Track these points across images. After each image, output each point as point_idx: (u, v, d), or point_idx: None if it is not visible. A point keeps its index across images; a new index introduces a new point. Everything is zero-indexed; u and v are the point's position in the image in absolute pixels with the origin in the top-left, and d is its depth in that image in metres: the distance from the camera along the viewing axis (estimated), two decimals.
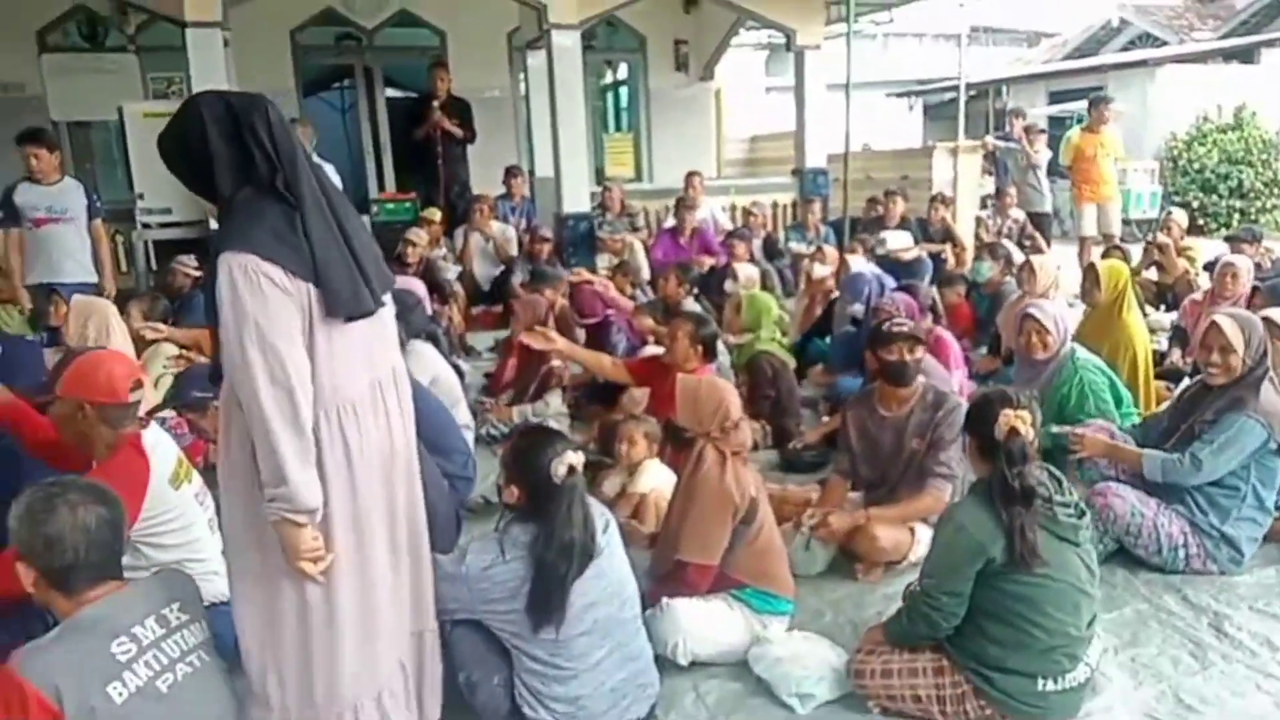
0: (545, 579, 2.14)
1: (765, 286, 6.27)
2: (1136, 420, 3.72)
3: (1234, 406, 2.98)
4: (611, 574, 2.26)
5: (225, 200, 1.82)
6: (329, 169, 6.37)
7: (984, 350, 5.31)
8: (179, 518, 2.51)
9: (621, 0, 8.25)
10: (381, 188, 10.19)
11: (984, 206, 8.70)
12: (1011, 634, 2.23)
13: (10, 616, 2.12)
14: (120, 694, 1.64)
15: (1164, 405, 3.84)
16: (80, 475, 2.10)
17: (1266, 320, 3.42)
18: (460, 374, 4.73)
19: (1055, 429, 3.34)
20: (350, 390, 1.87)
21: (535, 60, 8.48)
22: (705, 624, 2.57)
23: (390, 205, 8.50)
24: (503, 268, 7.38)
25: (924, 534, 3.00)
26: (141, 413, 2.49)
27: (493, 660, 2.22)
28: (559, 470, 2.18)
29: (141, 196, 6.63)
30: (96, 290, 5.17)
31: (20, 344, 4.37)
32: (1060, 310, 3.91)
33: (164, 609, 1.78)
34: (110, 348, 3.14)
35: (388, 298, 2.01)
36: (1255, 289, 4.50)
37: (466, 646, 2.23)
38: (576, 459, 2.23)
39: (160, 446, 2.52)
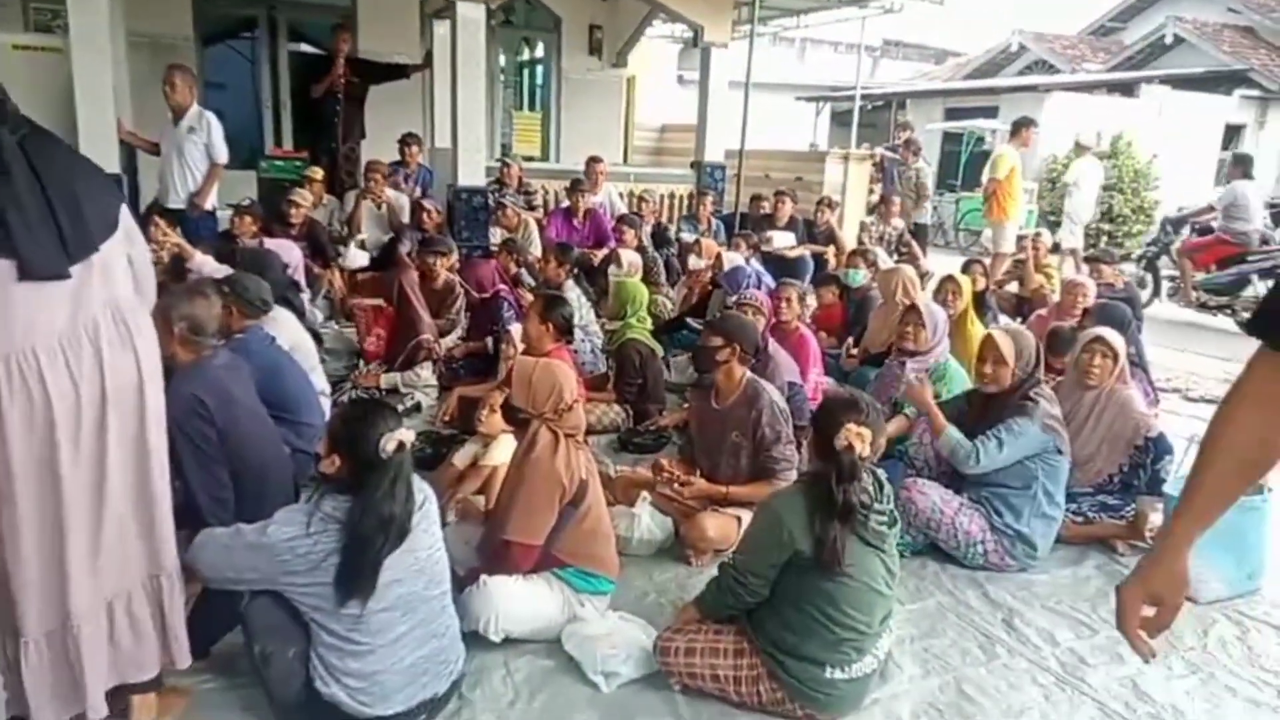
0: (357, 552, 2.11)
1: (649, 273, 6.35)
2: None
3: (1017, 413, 3.22)
4: (420, 550, 2.25)
5: None
6: (210, 117, 6.13)
7: (849, 349, 5.51)
8: None
9: None
10: (279, 143, 9.83)
11: (871, 213, 8.99)
12: (806, 623, 2.32)
13: None
14: None
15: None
16: None
17: (1098, 338, 3.68)
18: (318, 339, 4.62)
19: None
20: (31, 341, 1.81)
21: (441, 30, 8.32)
22: (521, 602, 2.59)
23: (280, 162, 8.21)
24: (392, 235, 7.25)
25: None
26: None
27: (288, 633, 2.18)
28: (388, 446, 2.16)
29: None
30: None
31: None
32: (942, 316, 4.20)
33: None
34: None
35: (109, 251, 1.94)
36: (1086, 310, 4.80)
37: (262, 618, 2.19)
38: (407, 435, 2.22)
39: None
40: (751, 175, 8.69)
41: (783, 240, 7.28)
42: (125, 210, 2.04)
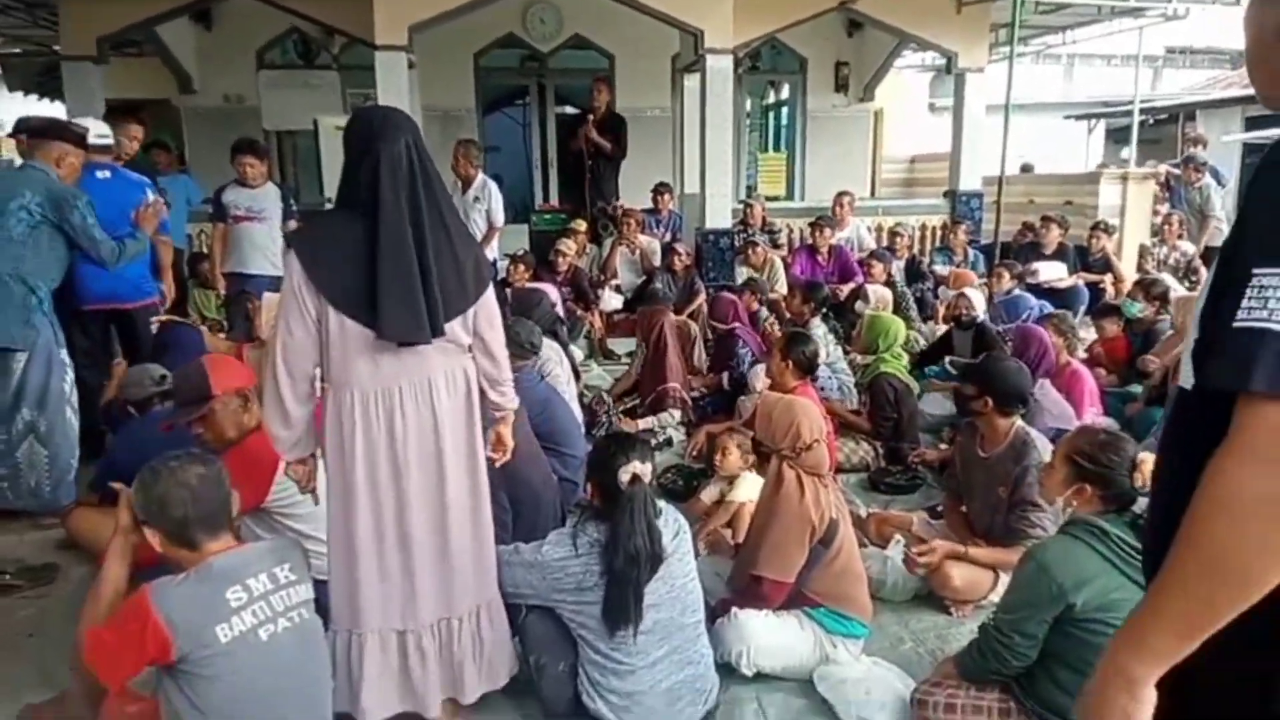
0: (617, 585, 2.26)
1: (898, 308, 6.16)
2: None
3: None
4: (675, 579, 2.36)
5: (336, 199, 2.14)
6: (492, 186, 6.80)
7: (1135, 388, 4.98)
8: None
9: (776, 25, 8.33)
10: (546, 198, 10.73)
11: (1155, 235, 8.11)
12: (1083, 683, 2.14)
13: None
14: (226, 635, 1.85)
15: None
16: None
17: None
18: (577, 375, 4.92)
19: None
20: (357, 383, 2.11)
21: (691, 82, 8.69)
22: (773, 637, 2.61)
23: (547, 216, 8.97)
24: (645, 277, 7.63)
25: (1006, 576, 2.90)
26: None
27: (561, 647, 2.37)
28: (624, 477, 2.30)
29: (331, 201, 7.30)
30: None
31: (184, 329, 4.81)
32: None
33: (275, 568, 2.00)
34: None
35: (457, 323, 2.17)
36: None
37: (538, 631, 2.39)
38: (642, 469, 2.33)
39: None
40: (1014, 201, 8.17)
41: (1050, 272, 6.75)
42: (485, 297, 2.24)
